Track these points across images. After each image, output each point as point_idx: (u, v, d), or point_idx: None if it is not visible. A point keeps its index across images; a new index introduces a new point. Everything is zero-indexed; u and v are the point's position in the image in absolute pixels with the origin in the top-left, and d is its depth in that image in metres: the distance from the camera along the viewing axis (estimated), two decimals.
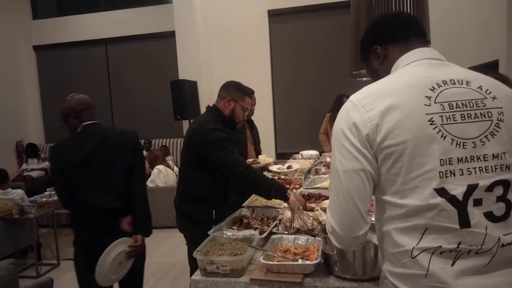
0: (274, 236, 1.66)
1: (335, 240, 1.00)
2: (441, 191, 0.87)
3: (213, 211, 2.10)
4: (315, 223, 1.71)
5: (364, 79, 3.91)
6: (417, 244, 0.89)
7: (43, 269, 3.83)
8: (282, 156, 5.69)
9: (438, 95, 0.92)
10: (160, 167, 5.09)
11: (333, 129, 1.01)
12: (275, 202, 2.30)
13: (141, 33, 6.91)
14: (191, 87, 5.67)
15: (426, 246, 0.88)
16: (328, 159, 3.88)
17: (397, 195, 0.91)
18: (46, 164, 7.16)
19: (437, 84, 0.93)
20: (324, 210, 1.98)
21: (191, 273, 1.66)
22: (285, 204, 2.21)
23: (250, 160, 2.92)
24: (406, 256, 0.90)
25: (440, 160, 0.88)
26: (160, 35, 6.73)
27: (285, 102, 6.05)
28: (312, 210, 1.98)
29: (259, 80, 5.73)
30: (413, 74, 0.97)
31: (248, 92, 2.19)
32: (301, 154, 4.29)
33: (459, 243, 0.87)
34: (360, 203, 0.94)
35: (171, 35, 6.07)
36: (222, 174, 2.06)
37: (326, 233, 1.50)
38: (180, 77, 5.74)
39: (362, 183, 0.93)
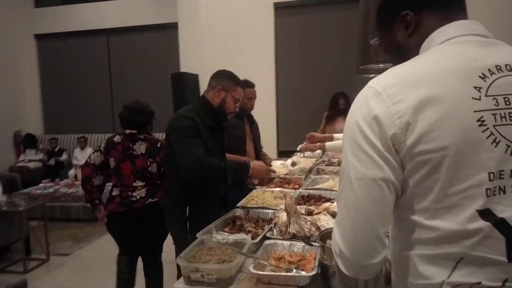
0: (268, 242, 1.50)
1: (342, 265, 0.77)
2: (485, 213, 0.67)
3: (187, 208, 1.96)
4: (313, 229, 1.54)
5: (372, 75, 3.74)
6: (448, 277, 0.69)
7: (31, 264, 3.70)
8: (284, 154, 5.52)
9: (490, 85, 0.69)
10: None
11: (346, 121, 0.79)
12: (272, 203, 2.14)
13: (143, 24, 6.75)
14: (193, 80, 5.52)
15: (460, 280, 0.69)
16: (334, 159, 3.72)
17: (426, 214, 0.71)
18: (45, 158, 7.04)
19: (489, 70, 0.70)
20: (331, 215, 1.82)
21: (178, 277, 1.52)
22: (282, 206, 2.06)
23: None
24: None
25: (490, 174, 0.67)
26: (162, 27, 6.57)
27: (288, 98, 5.87)
28: (310, 213, 1.82)
29: (263, 74, 5.57)
30: (456, 55, 0.73)
31: (240, 82, 2.04)
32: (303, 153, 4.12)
33: (505, 281, 0.68)
34: (378, 221, 0.72)
35: (173, 26, 5.92)
36: None
37: (324, 241, 1.35)
38: (182, 70, 5.60)
39: (382, 196, 0.71)
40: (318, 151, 4.18)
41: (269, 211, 2.01)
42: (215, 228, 1.76)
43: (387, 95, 0.71)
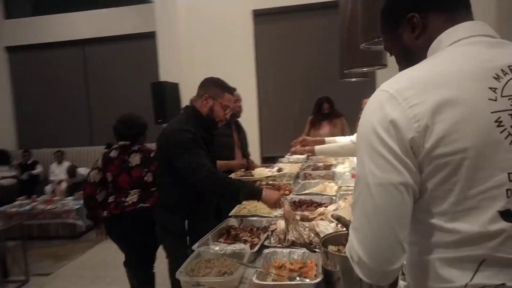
0: (267, 251, 1.47)
1: (361, 273, 0.75)
2: (506, 214, 0.67)
3: (185, 222, 1.90)
4: (312, 235, 1.52)
5: (354, 79, 3.79)
6: (471, 280, 0.68)
7: (9, 286, 3.51)
8: (268, 160, 5.50)
9: (505, 85, 0.69)
10: None
11: (359, 126, 0.77)
12: (265, 210, 2.11)
13: (121, 34, 6.63)
14: (173, 89, 5.45)
15: (484, 282, 0.68)
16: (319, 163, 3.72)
17: (445, 216, 0.70)
18: (18, 172, 6.76)
19: (502, 70, 0.70)
20: (336, 219, 1.80)
21: None
22: (276, 213, 2.03)
23: (241, 172, 2.71)
24: None
25: (509, 174, 0.67)
26: (140, 36, 6.47)
27: (270, 105, 5.88)
28: (306, 219, 1.80)
29: (244, 82, 5.54)
30: (468, 56, 0.73)
31: (228, 88, 1.99)
32: (288, 158, 4.13)
33: None
34: (398, 227, 0.71)
35: (151, 36, 5.84)
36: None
37: (326, 247, 1.33)
38: (161, 79, 5.52)
39: (402, 201, 0.70)
40: (303, 155, 4.20)
41: (263, 219, 1.98)
42: (211, 239, 1.72)
43: (403, 99, 0.70)
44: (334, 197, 2.33)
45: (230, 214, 2.12)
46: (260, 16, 5.65)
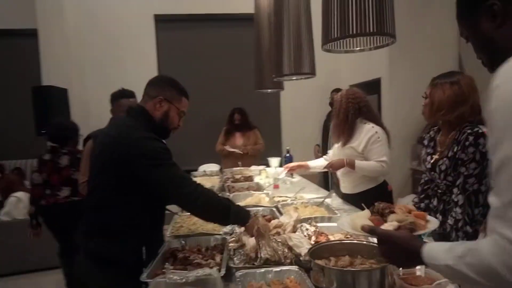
0: (240, 273, 1.25)
1: None
2: None
3: (143, 248, 1.53)
4: (286, 250, 1.37)
5: (269, 90, 3.80)
6: None
7: None
8: None
9: None
10: (19, 194, 3.98)
11: (501, 102, 0.64)
12: (208, 227, 1.88)
13: None
14: (60, 95, 4.71)
15: None
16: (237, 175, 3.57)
17: None
18: None
19: None
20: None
21: None
22: (225, 229, 1.81)
23: None
24: None
25: None
26: (15, 33, 5.46)
27: None
28: None
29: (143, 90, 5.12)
30: None
31: (185, 92, 1.71)
32: (204, 171, 3.91)
33: None
34: None
35: (31, 33, 4.99)
36: (155, 198, 1.53)
37: (314, 257, 1.19)
38: (45, 83, 4.74)
39: None
40: (217, 168, 4.03)
41: (210, 237, 1.74)
42: (156, 266, 1.42)
43: None
44: (274, 209, 2.23)
45: (168, 235, 1.83)
46: (163, 22, 5.32)
